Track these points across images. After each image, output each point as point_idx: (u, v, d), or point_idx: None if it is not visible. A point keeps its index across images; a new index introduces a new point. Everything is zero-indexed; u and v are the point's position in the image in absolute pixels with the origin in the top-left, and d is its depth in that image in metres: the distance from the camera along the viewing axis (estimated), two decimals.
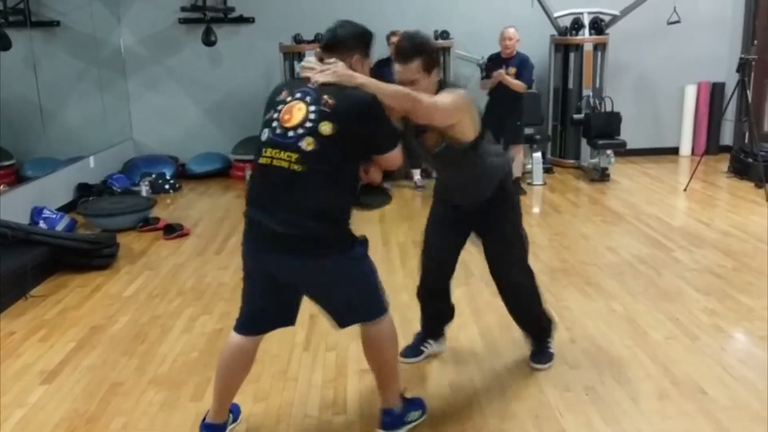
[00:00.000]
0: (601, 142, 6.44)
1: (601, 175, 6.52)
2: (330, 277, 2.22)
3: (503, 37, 5.88)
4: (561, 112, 7.15)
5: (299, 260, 2.14)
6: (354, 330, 3.26)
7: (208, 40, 6.99)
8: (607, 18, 6.72)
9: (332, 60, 2.18)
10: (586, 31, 6.75)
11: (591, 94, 6.77)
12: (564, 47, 6.86)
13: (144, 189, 6.33)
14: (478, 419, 2.54)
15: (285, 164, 2.09)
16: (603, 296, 3.71)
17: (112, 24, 7.12)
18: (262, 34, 7.17)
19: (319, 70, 2.16)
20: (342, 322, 2.38)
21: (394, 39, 6.18)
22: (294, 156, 2.08)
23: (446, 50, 6.89)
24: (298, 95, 2.14)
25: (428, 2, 7.15)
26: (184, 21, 7.14)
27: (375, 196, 2.47)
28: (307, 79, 2.17)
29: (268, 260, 2.21)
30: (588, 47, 6.64)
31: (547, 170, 6.85)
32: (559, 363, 2.94)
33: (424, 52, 2.42)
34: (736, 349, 3.10)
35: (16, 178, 5.47)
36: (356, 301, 2.32)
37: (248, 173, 7.03)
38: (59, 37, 6.37)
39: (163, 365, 3.04)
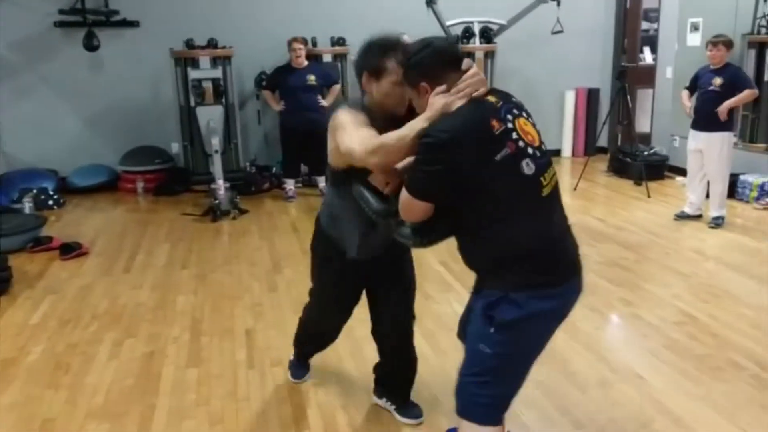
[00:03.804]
0: None
1: None
2: None
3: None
4: None
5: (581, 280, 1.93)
6: None
7: (90, 45, 6.53)
8: (495, 27, 7.04)
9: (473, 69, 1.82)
10: (477, 39, 7.03)
11: None
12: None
13: (27, 206, 5.79)
14: (443, 421, 2.56)
15: (549, 186, 1.81)
16: None
17: None
18: (149, 38, 6.81)
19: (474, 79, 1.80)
20: None
21: (296, 45, 6.13)
22: (550, 175, 1.82)
23: (343, 57, 6.94)
24: (510, 113, 1.76)
25: (328, 9, 7.12)
26: (61, 24, 6.62)
27: None
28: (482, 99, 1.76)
29: (574, 291, 1.90)
30: (479, 55, 6.92)
31: None
32: None
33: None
34: (658, 335, 3.35)
35: None
36: None
37: (140, 185, 6.67)
38: None
39: (97, 396, 2.80)
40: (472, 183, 1.68)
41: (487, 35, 7.08)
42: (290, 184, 6.48)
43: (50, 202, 6.15)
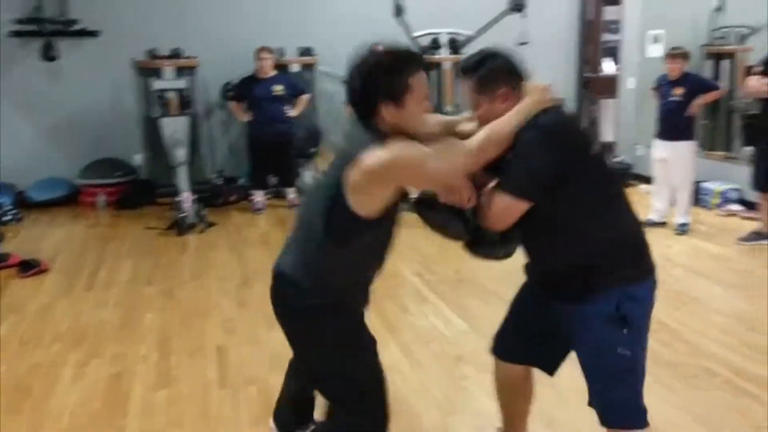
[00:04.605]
0: None
1: None
2: None
3: None
4: None
5: None
6: (271, 360, 3.14)
7: (48, 55, 6.34)
8: (462, 38, 7.06)
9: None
10: (444, 50, 7.05)
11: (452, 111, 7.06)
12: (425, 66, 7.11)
13: None
14: None
15: None
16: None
17: None
18: (110, 48, 6.64)
19: None
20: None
21: (263, 55, 6.07)
22: None
23: (311, 67, 6.89)
24: None
25: (296, 19, 7.06)
26: (17, 34, 6.42)
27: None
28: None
29: None
30: (447, 66, 6.94)
31: None
32: (488, 369, 3.00)
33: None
34: None
35: None
36: None
37: (102, 198, 6.49)
38: None
39: (61, 420, 2.68)
40: (575, 175, 1.71)
41: (455, 46, 7.11)
42: (258, 196, 6.38)
43: (7, 217, 5.93)
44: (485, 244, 1.82)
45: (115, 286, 4.31)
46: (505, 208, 1.71)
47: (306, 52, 6.91)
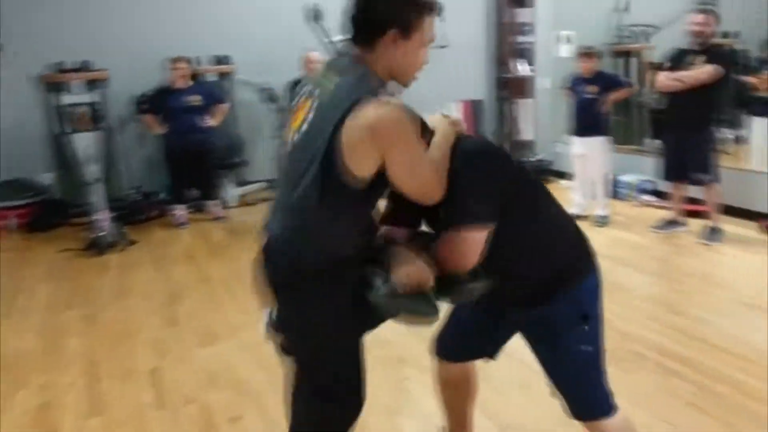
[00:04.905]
0: None
1: None
2: None
3: (309, 60, 5.98)
4: None
5: None
6: (208, 377, 3.04)
7: None
8: None
9: None
10: None
11: None
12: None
13: None
14: None
15: None
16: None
17: None
18: (11, 63, 6.24)
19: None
20: None
21: (178, 65, 5.90)
22: None
23: (227, 75, 6.76)
24: None
25: (211, 27, 6.87)
26: None
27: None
28: None
29: None
30: None
31: None
32: (430, 370, 3.01)
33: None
34: None
35: None
36: None
37: (12, 221, 6.13)
38: None
39: None
40: (515, 186, 1.71)
41: None
42: (180, 210, 6.19)
43: None
44: (458, 288, 1.67)
45: (33, 312, 4.06)
46: (474, 243, 1.62)
47: (222, 60, 6.77)
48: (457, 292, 1.67)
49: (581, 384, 1.88)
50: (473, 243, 1.61)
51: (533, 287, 1.81)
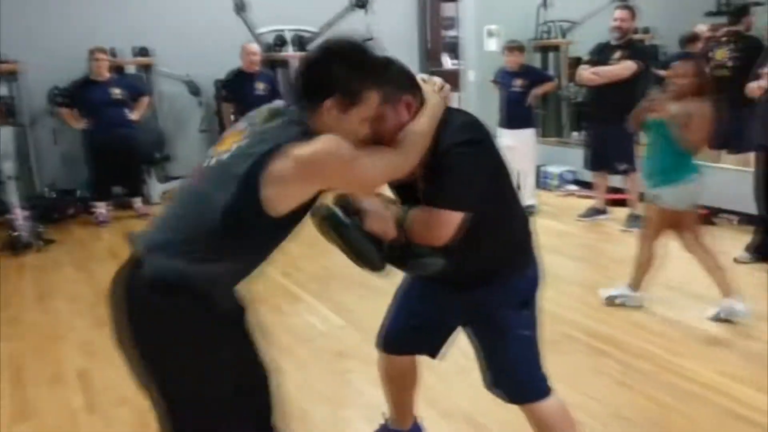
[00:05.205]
0: None
1: None
2: None
3: (248, 52, 5.99)
4: None
5: None
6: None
7: None
8: (308, 35, 7.05)
9: None
10: (290, 47, 7.00)
11: None
12: (271, 63, 7.00)
13: None
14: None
15: None
16: (378, 294, 3.91)
17: None
18: None
19: None
20: None
21: (100, 56, 5.68)
22: None
23: (147, 67, 6.55)
24: None
25: (129, 18, 6.62)
26: None
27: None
28: None
29: None
30: (295, 63, 6.89)
31: None
32: (370, 361, 3.02)
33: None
34: None
35: None
36: None
37: None
38: None
39: None
40: (500, 175, 1.78)
41: (301, 43, 7.07)
42: (101, 208, 5.95)
43: None
44: (416, 259, 1.71)
45: None
46: (449, 224, 1.64)
47: (142, 51, 6.54)
48: (413, 264, 1.73)
49: (519, 366, 1.95)
50: (448, 224, 1.65)
51: (483, 271, 1.87)
